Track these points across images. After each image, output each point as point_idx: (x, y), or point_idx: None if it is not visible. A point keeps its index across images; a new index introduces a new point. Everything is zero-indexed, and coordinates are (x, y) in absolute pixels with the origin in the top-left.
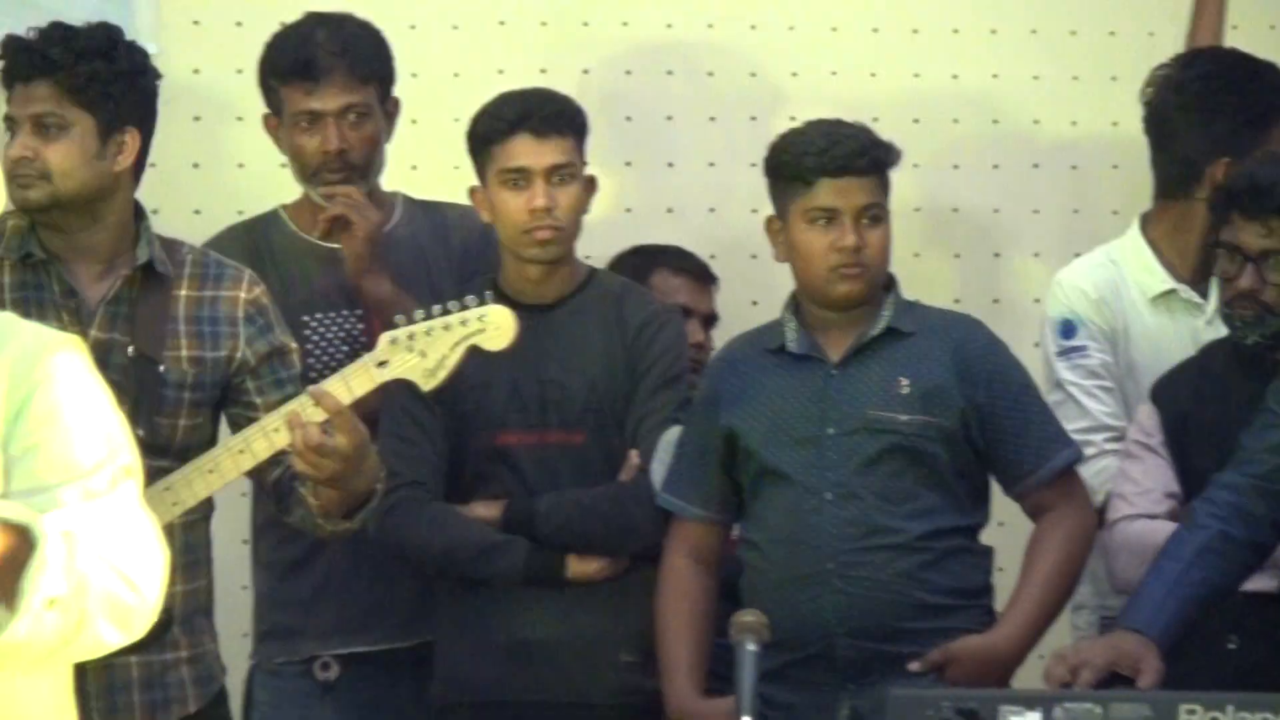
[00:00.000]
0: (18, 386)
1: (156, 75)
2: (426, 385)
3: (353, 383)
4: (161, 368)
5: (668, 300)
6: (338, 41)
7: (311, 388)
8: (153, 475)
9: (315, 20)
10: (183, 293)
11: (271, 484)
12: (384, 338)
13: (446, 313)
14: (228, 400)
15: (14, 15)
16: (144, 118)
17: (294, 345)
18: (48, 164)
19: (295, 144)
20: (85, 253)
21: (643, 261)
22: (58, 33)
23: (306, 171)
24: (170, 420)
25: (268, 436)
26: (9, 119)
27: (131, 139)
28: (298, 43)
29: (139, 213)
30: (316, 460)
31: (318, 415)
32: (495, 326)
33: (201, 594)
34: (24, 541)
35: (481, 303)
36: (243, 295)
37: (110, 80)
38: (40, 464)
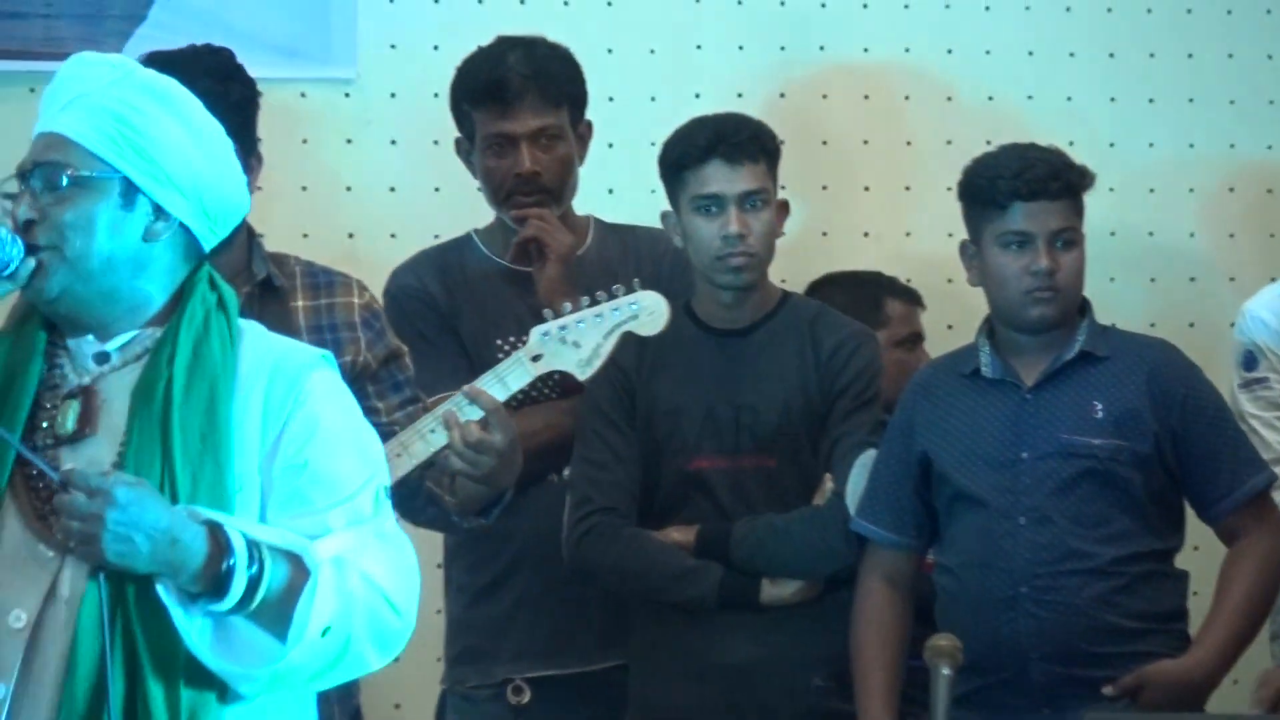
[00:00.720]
0: (280, 404)
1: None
2: (582, 375)
3: (508, 378)
4: None
5: (904, 329)
6: (530, 64)
7: (467, 386)
8: None
9: (507, 44)
10: (300, 303)
11: (397, 485)
12: (535, 331)
13: (597, 302)
14: None
15: (210, 39)
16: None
17: (405, 349)
18: None
19: (487, 167)
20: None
21: (870, 289)
22: (181, 57)
23: (499, 195)
24: None
25: (424, 438)
26: None
27: (256, 163)
28: (490, 66)
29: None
30: (475, 458)
31: (474, 413)
32: (648, 311)
33: None
34: (299, 570)
35: (631, 290)
36: (356, 301)
37: (243, 107)
38: (306, 484)
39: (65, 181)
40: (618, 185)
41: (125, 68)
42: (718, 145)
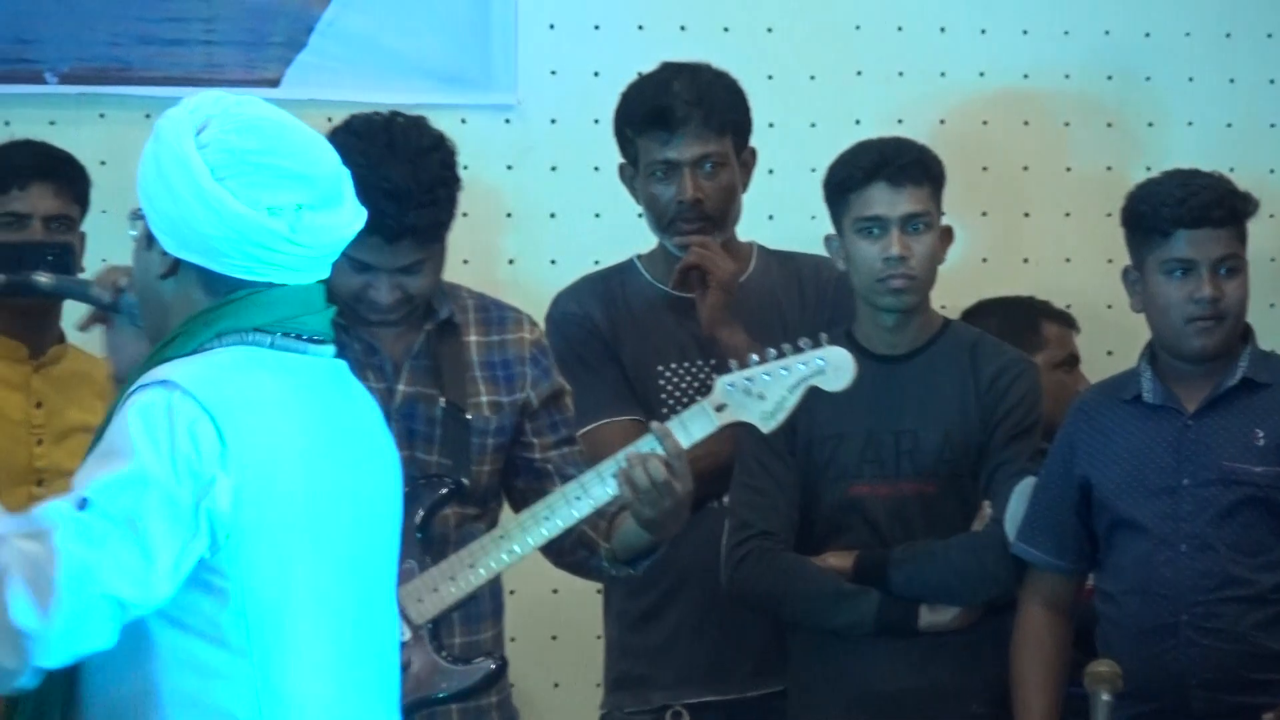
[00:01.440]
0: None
1: None
2: (765, 427)
3: (691, 427)
4: (469, 416)
5: (1060, 352)
6: (694, 91)
7: (656, 424)
8: (466, 523)
9: (672, 70)
10: (472, 339)
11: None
12: (721, 381)
13: (783, 355)
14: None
15: (370, 65)
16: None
17: (568, 388)
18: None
19: (650, 193)
20: None
21: (1025, 313)
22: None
23: (662, 221)
24: (479, 467)
25: (604, 480)
26: None
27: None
28: (654, 92)
29: None
30: (656, 498)
31: (659, 450)
32: (834, 367)
33: (504, 637)
34: None
35: (818, 345)
36: (527, 337)
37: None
38: None
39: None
40: (778, 211)
41: (166, 112)
42: (882, 168)
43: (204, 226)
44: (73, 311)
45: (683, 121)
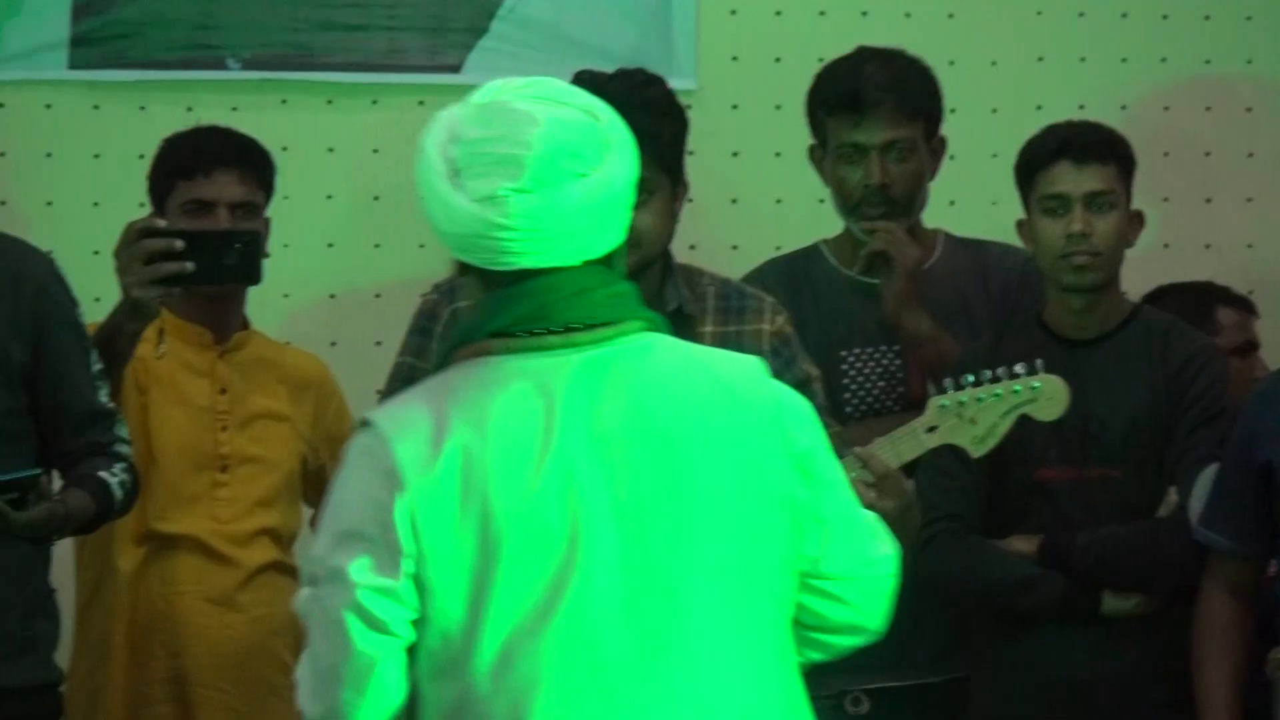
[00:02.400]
0: None
1: None
2: (976, 452)
3: (900, 447)
4: None
5: (1237, 337)
6: (887, 76)
7: (859, 449)
8: None
9: (867, 54)
10: (708, 329)
11: None
12: (933, 403)
13: (997, 380)
14: None
15: (552, 51)
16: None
17: (816, 373)
18: (638, 230)
19: (838, 176)
20: None
21: (1201, 298)
22: (640, 97)
23: (848, 204)
24: None
25: None
26: None
27: (682, 191)
28: (847, 74)
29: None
30: None
31: (865, 476)
32: (1048, 397)
33: None
34: None
35: (1033, 371)
36: (767, 328)
37: (675, 144)
38: None
39: None
40: (960, 197)
41: None
42: (1067, 147)
43: (444, 223)
44: (255, 298)
45: (874, 105)
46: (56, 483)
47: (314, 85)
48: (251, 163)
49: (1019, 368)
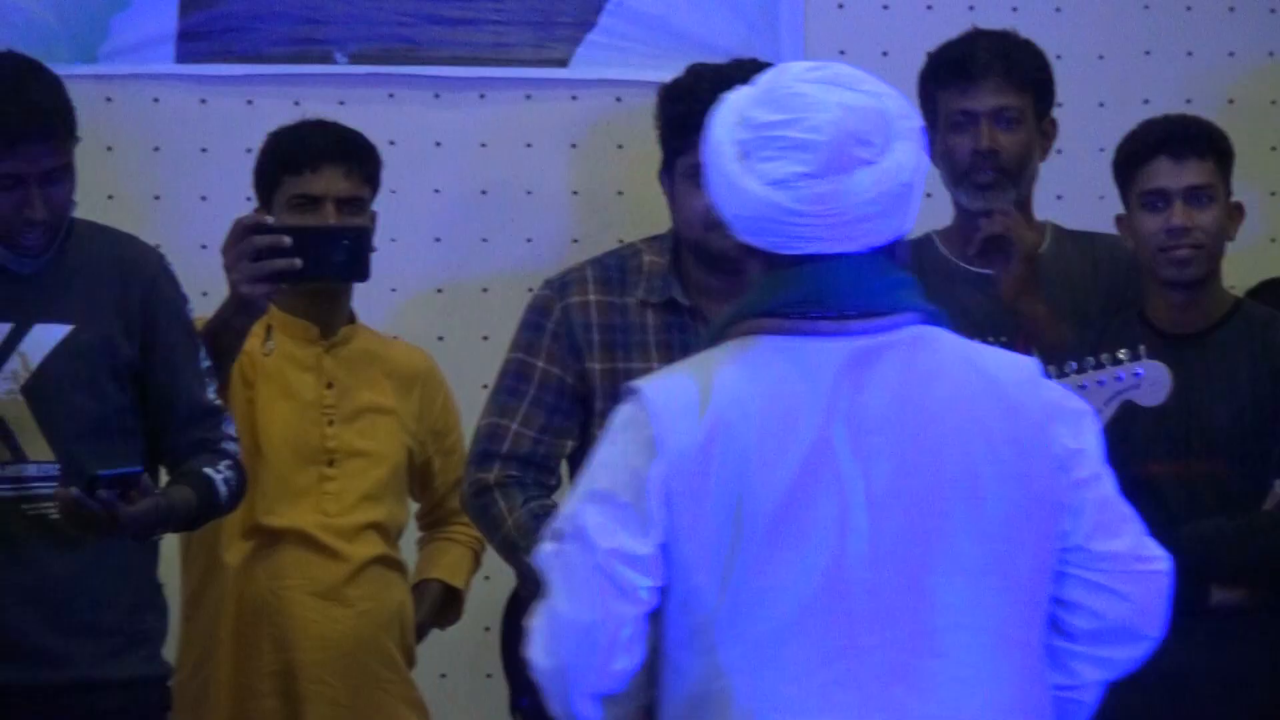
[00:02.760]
0: None
1: None
2: None
3: None
4: None
5: None
6: (998, 46)
7: None
8: None
9: (980, 31)
10: None
11: None
12: None
13: (1100, 366)
14: None
15: (659, 45)
16: None
17: None
18: None
19: (948, 146)
20: (733, 294)
21: None
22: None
23: (956, 173)
24: None
25: None
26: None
27: None
28: (958, 46)
29: None
30: None
31: None
32: (1151, 382)
33: None
34: None
35: (1136, 357)
36: None
37: None
38: None
39: None
40: (1067, 191)
41: None
42: (1165, 142)
43: (734, 206)
44: (361, 292)
45: (984, 71)
46: (164, 479)
47: (421, 79)
48: (358, 157)
49: (1122, 353)
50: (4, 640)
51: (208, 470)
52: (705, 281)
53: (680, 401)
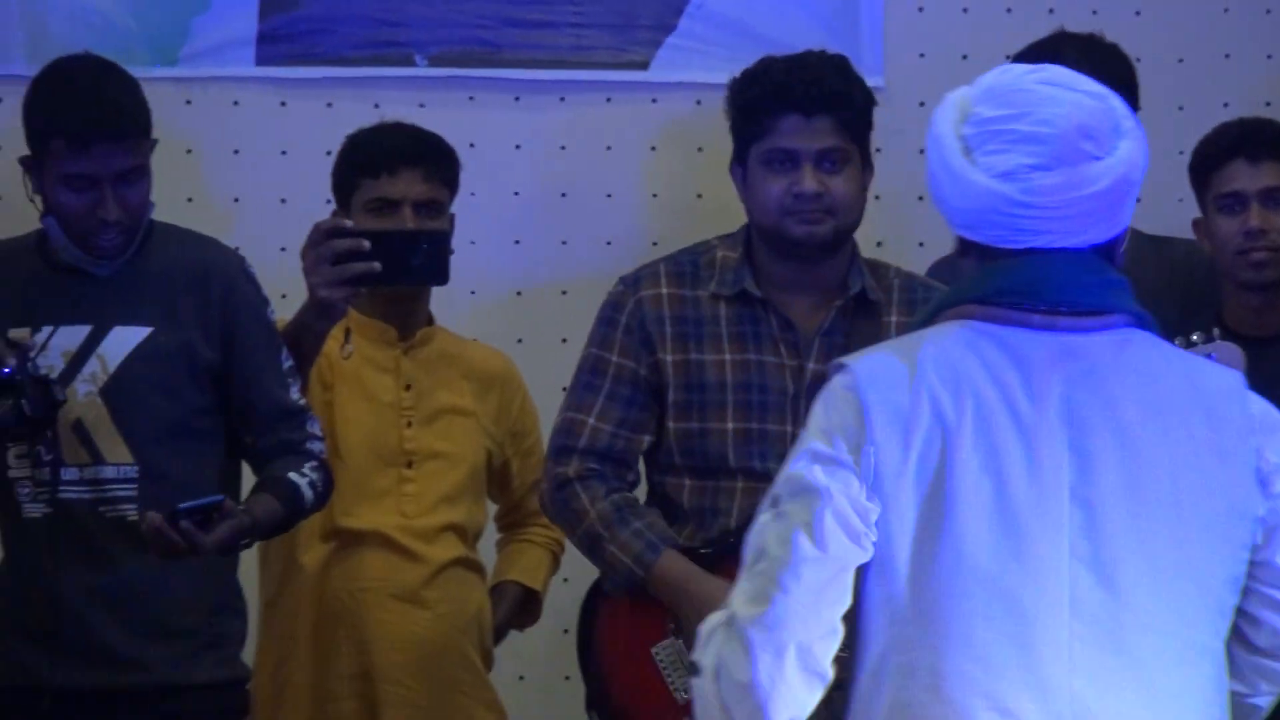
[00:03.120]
0: None
1: None
2: None
3: None
4: None
5: None
6: (1083, 49)
7: None
8: None
9: (1066, 35)
10: (893, 319)
11: None
12: None
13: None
14: None
15: (739, 48)
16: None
17: None
18: (835, 199)
19: None
20: (806, 285)
21: None
22: (832, 64)
23: None
24: None
25: None
26: (791, 152)
27: (869, 168)
28: (1043, 49)
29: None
30: None
31: None
32: (1224, 363)
33: None
34: None
35: (1210, 339)
36: None
37: (867, 113)
38: None
39: None
40: (1145, 195)
41: None
42: (1241, 144)
43: (957, 200)
44: (441, 294)
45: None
46: (244, 479)
47: (500, 82)
48: (436, 161)
49: (1195, 335)
50: (84, 644)
51: (292, 475)
52: (778, 273)
53: (890, 375)
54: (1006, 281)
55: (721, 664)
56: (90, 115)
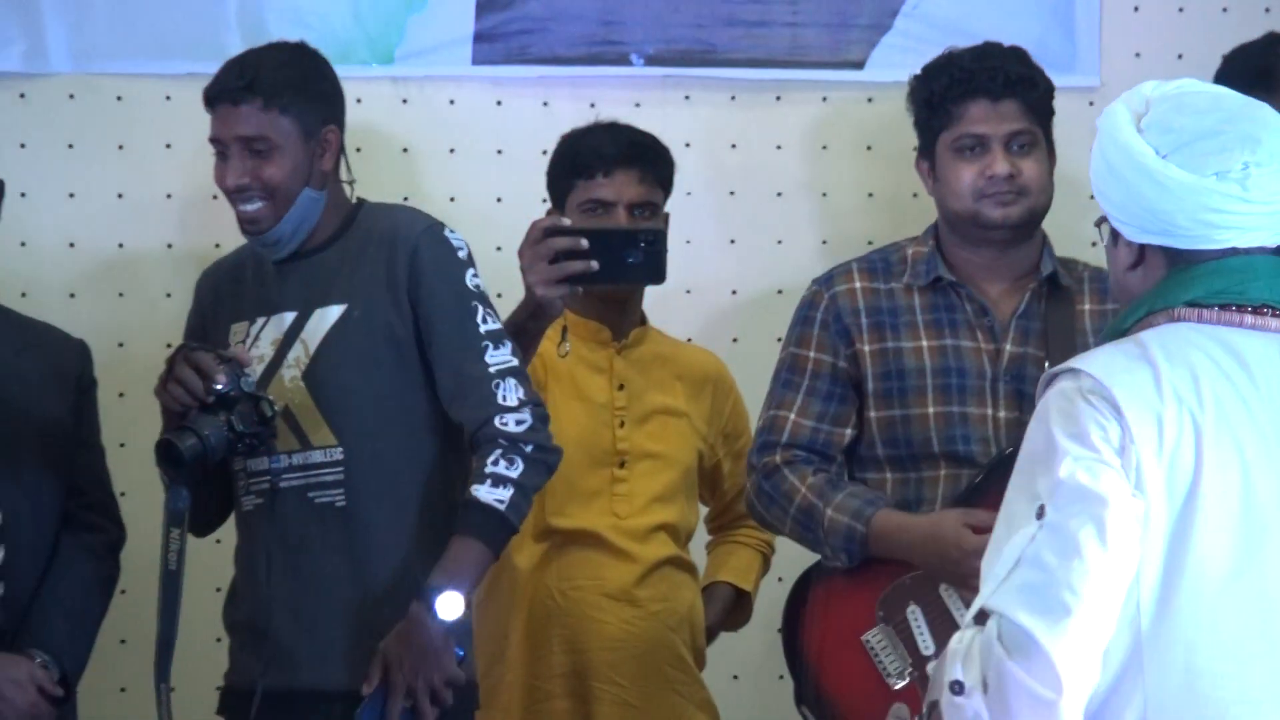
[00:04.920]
0: None
1: None
2: None
3: None
4: None
5: None
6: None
7: None
8: None
9: (1277, 36)
10: (1087, 307)
11: None
12: None
13: None
14: None
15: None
16: None
17: None
18: (1027, 180)
19: None
20: (999, 270)
21: None
22: (1013, 52)
23: None
24: None
25: None
26: (981, 137)
27: (1053, 154)
28: (1259, 51)
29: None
30: None
31: None
32: None
33: None
34: None
35: None
36: None
37: (1049, 98)
38: None
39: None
40: None
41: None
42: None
43: (1157, 203)
44: (656, 294)
45: None
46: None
47: (716, 82)
48: (651, 162)
49: None
50: (305, 644)
51: (479, 494)
52: (969, 261)
53: (1134, 376)
54: (1219, 283)
55: (1006, 678)
56: (220, 77)
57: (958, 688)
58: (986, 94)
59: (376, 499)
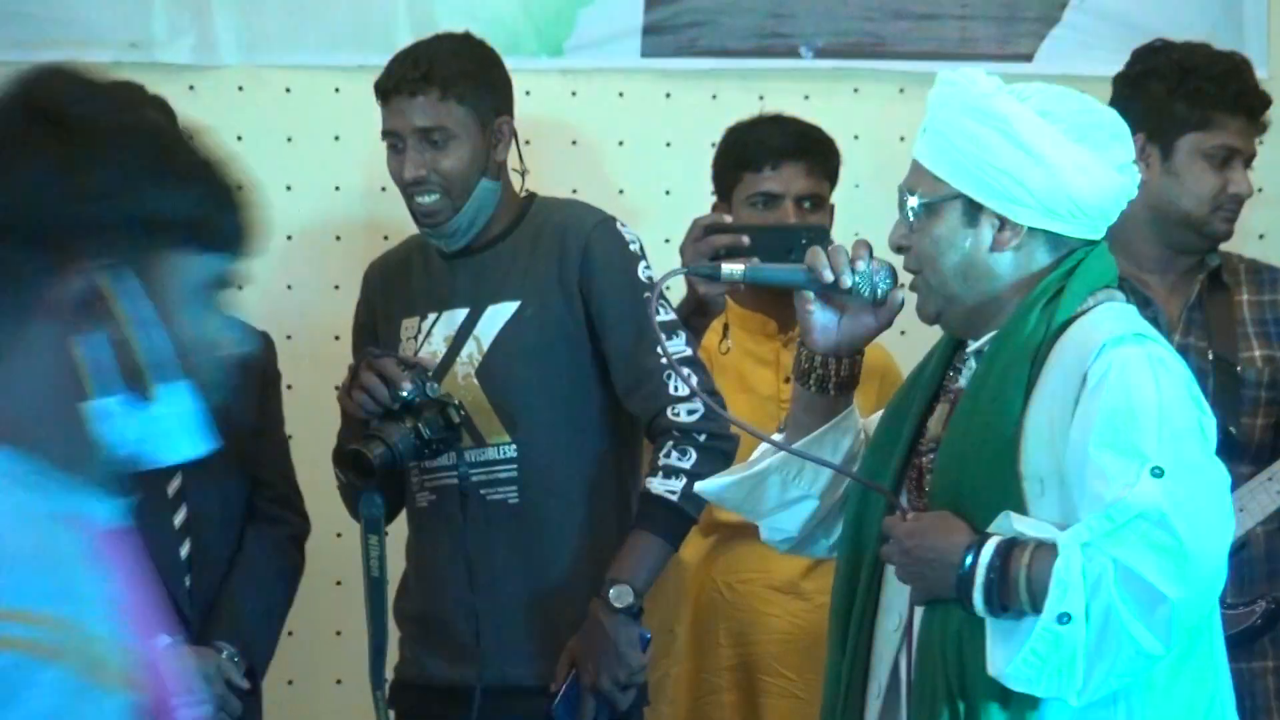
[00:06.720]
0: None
1: None
2: None
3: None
4: (1239, 369)
5: None
6: None
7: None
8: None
9: None
10: (1244, 298)
11: None
12: None
13: None
14: None
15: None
16: None
17: None
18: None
19: None
20: (1172, 266)
21: None
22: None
23: None
24: (1250, 420)
25: (1271, 494)
26: (1236, 151)
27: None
28: None
29: None
30: None
31: None
32: None
33: None
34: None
35: None
36: None
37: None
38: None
39: (917, 208)
40: None
41: (955, 86)
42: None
43: (1076, 191)
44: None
45: None
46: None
47: (886, 74)
48: (818, 154)
49: None
50: (488, 640)
51: (652, 487)
52: (1143, 254)
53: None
54: (1113, 267)
55: (1118, 627)
56: (393, 69)
57: (1066, 619)
58: (1248, 113)
59: (549, 494)
